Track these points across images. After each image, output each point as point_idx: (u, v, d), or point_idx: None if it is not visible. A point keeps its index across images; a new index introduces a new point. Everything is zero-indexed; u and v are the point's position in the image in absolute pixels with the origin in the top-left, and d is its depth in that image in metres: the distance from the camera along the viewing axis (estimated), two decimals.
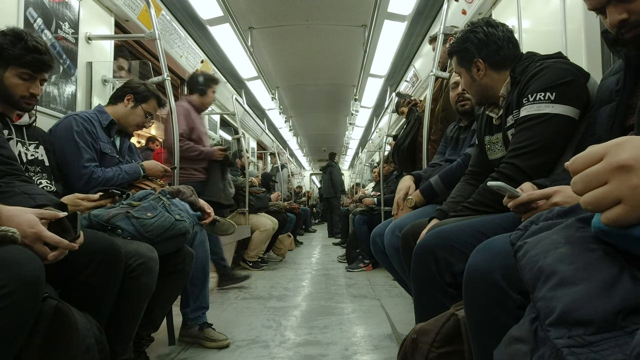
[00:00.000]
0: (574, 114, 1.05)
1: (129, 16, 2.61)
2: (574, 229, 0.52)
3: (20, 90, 1.29)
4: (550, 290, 0.47)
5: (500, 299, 0.75)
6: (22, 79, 1.29)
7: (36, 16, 1.83)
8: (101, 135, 1.70)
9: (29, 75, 1.30)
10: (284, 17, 4.09)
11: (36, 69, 1.30)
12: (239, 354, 1.74)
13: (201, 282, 1.84)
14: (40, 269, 0.82)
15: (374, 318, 2.26)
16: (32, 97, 1.33)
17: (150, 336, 1.57)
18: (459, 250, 1.03)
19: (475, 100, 1.38)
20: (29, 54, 1.27)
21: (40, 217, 0.92)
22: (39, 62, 1.29)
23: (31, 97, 1.33)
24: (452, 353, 0.91)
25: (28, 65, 1.28)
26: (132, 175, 1.74)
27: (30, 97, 1.32)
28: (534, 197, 0.87)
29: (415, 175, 1.88)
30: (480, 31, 1.25)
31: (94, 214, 1.33)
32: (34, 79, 1.31)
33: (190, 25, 3.72)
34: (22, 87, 1.29)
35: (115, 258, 1.13)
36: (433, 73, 2.24)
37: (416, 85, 4.62)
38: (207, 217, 1.77)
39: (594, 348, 0.40)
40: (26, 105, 1.34)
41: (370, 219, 3.74)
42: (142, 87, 1.85)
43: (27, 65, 1.28)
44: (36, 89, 1.33)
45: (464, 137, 1.86)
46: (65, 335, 0.91)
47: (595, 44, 1.64)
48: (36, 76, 1.32)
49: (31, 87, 1.31)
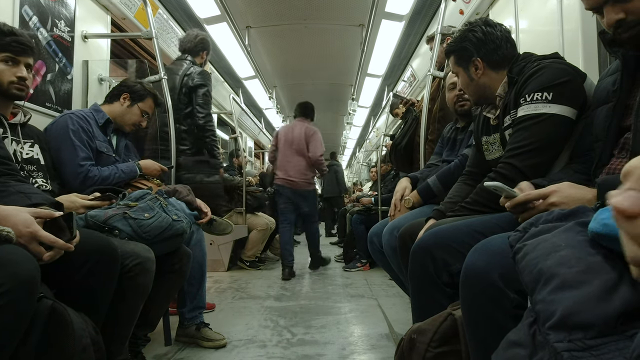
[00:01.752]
0: (571, 114, 1.06)
1: (126, 14, 2.59)
2: (573, 233, 0.52)
3: (6, 76, 1.28)
4: (550, 293, 0.46)
5: (497, 299, 0.75)
6: (5, 63, 1.28)
7: (32, 14, 1.82)
8: (97, 134, 1.69)
9: (10, 58, 1.29)
10: (282, 16, 4.08)
11: (16, 50, 1.29)
12: (236, 353, 1.74)
13: (198, 282, 1.84)
14: (35, 269, 0.81)
15: (371, 318, 2.26)
16: (22, 82, 1.31)
17: (146, 336, 1.57)
18: (456, 250, 1.03)
19: (473, 100, 1.38)
20: (5, 36, 1.27)
21: (35, 216, 0.92)
22: (16, 42, 1.29)
23: (20, 82, 1.31)
24: (449, 353, 0.91)
25: (7, 48, 1.28)
26: (129, 175, 1.73)
27: (19, 81, 1.30)
28: (531, 197, 0.87)
29: (411, 177, 1.88)
30: (479, 30, 1.25)
31: (91, 214, 1.33)
32: (17, 63, 1.30)
33: (187, 24, 3.71)
34: (8, 72, 1.28)
35: (112, 258, 1.12)
36: (430, 73, 2.24)
37: (413, 85, 4.62)
38: (204, 217, 1.77)
39: (595, 352, 0.40)
40: (18, 92, 1.31)
41: (368, 219, 3.74)
42: (138, 86, 1.84)
43: (5, 47, 1.27)
44: (22, 72, 1.31)
45: (461, 138, 1.86)
46: (61, 336, 0.90)
47: (592, 44, 1.64)
48: (19, 59, 1.30)
49: (17, 71, 1.30)
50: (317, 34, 4.48)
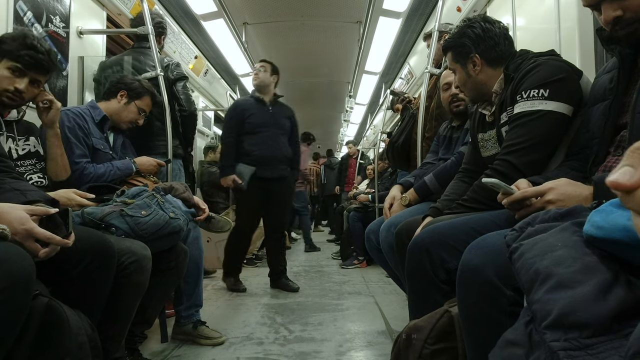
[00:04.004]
0: (567, 111, 1.06)
1: (122, 10, 2.57)
2: (569, 232, 0.52)
3: (5, 83, 1.27)
4: (546, 293, 0.47)
5: (493, 296, 0.75)
6: (12, 72, 1.27)
7: (26, 9, 1.80)
8: (93, 131, 1.68)
9: (18, 69, 1.28)
10: (279, 13, 4.07)
11: (27, 64, 1.28)
12: (233, 350, 1.74)
13: (195, 280, 1.83)
14: (30, 266, 0.81)
15: (368, 315, 2.27)
16: (16, 94, 1.29)
17: (143, 333, 1.57)
18: (453, 247, 1.03)
19: (470, 97, 1.38)
20: (24, 49, 1.27)
21: (31, 213, 0.91)
22: (31, 58, 1.28)
23: (15, 93, 1.28)
24: (446, 349, 0.91)
25: (19, 59, 1.27)
26: (124, 172, 1.73)
27: (14, 92, 1.28)
28: (528, 194, 0.87)
29: (404, 184, 1.89)
30: (477, 26, 1.25)
31: (88, 211, 1.32)
32: (23, 75, 1.29)
33: (183, 21, 3.69)
34: (8, 81, 1.27)
35: (108, 255, 1.12)
36: (428, 70, 2.24)
37: (411, 82, 4.61)
38: (202, 214, 1.76)
39: (590, 351, 0.40)
40: (7, 100, 1.29)
41: (365, 216, 3.75)
42: (136, 83, 1.83)
43: (18, 59, 1.27)
44: (22, 85, 1.29)
45: (457, 136, 1.86)
46: (57, 333, 0.90)
47: (589, 41, 1.64)
48: (26, 72, 1.29)
49: (17, 82, 1.28)
50: (314, 30, 4.47)
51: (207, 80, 4.40)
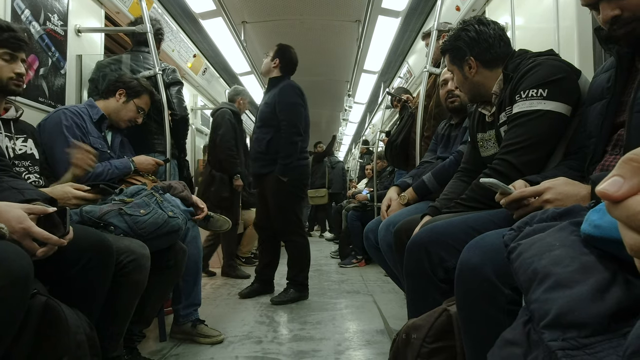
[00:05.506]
0: (565, 111, 1.06)
1: (120, 8, 2.56)
2: (567, 232, 0.52)
3: (5, 72, 1.28)
4: (544, 292, 0.47)
5: (492, 294, 0.76)
6: (4, 60, 1.28)
7: (24, 7, 1.79)
8: (91, 130, 1.68)
9: (9, 55, 1.29)
10: (278, 11, 4.06)
11: (15, 46, 1.29)
12: (232, 349, 1.74)
13: (193, 279, 1.83)
14: (29, 265, 0.81)
15: (366, 313, 2.27)
16: (20, 77, 1.32)
17: (141, 332, 1.57)
18: (451, 246, 1.03)
19: (468, 98, 1.39)
20: (3, 32, 1.27)
21: (28, 212, 0.91)
22: (15, 39, 1.29)
23: (19, 78, 1.32)
24: (444, 348, 0.91)
25: (5, 44, 1.28)
26: (122, 170, 1.72)
27: (17, 77, 1.31)
28: (526, 194, 0.87)
29: (401, 185, 1.89)
30: (471, 29, 1.26)
31: (86, 210, 1.32)
32: (15, 59, 1.30)
33: (182, 19, 3.68)
34: (7, 69, 1.29)
35: (106, 254, 1.12)
36: (426, 69, 2.24)
37: (410, 81, 4.61)
38: (201, 213, 1.76)
39: (588, 350, 0.40)
40: (16, 87, 1.32)
41: (363, 215, 3.75)
42: (134, 82, 1.83)
43: (3, 44, 1.27)
44: (20, 69, 1.32)
45: (455, 134, 1.86)
46: (55, 332, 0.90)
47: (587, 41, 1.65)
48: (16, 55, 1.31)
49: (15, 67, 1.30)
50: (313, 29, 4.46)
51: (206, 79, 4.39)
